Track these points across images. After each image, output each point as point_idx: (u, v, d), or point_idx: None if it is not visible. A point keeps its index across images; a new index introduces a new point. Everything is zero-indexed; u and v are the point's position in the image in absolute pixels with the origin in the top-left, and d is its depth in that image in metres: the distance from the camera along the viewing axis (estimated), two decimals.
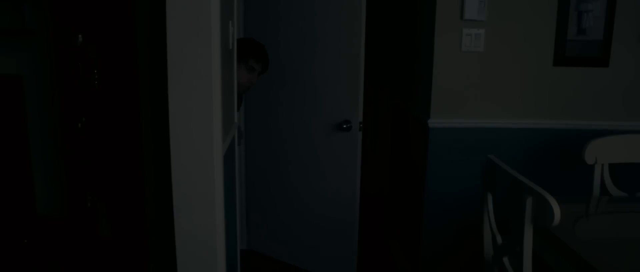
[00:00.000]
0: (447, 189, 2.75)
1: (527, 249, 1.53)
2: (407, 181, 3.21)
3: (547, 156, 2.73)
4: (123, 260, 2.67)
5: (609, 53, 2.65)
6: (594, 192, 2.23)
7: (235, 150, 2.11)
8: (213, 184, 1.55)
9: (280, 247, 3.28)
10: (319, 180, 3.05)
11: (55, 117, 2.96)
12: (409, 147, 3.18)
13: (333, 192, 3.00)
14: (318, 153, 3.02)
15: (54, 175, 3.02)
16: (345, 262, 3.01)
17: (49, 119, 2.97)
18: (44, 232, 2.90)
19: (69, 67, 2.81)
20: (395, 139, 3.59)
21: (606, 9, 2.59)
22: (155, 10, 1.90)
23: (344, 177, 2.93)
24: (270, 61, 2.64)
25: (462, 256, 2.82)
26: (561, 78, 2.68)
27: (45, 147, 2.99)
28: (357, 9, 2.70)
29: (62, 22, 2.81)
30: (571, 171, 2.49)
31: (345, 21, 2.76)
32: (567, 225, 1.77)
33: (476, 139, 2.70)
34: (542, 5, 2.61)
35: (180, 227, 1.58)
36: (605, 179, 2.25)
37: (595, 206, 2.22)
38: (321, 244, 3.11)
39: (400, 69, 3.46)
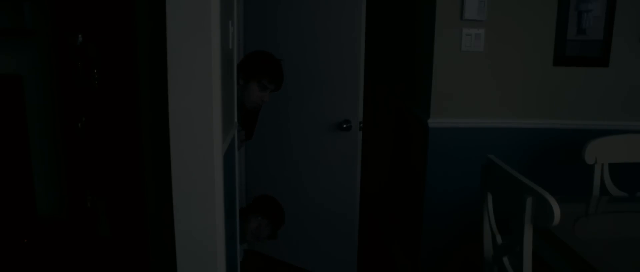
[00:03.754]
0: (447, 189, 2.75)
1: (527, 249, 1.53)
2: (407, 180, 3.21)
3: (547, 156, 2.73)
4: (123, 260, 2.67)
5: (609, 53, 2.65)
6: (594, 192, 2.23)
7: (235, 150, 2.11)
8: (213, 184, 1.55)
9: (281, 247, 3.28)
10: (319, 180, 3.05)
11: (55, 117, 2.96)
12: (409, 147, 3.18)
13: (333, 192, 3.00)
14: (318, 153, 3.02)
15: (54, 175, 3.02)
16: (346, 261, 3.01)
17: (49, 119, 2.96)
18: (44, 232, 2.90)
19: (68, 67, 2.81)
20: (395, 139, 3.58)
21: (606, 9, 2.59)
22: (155, 10, 1.89)
23: (344, 177, 2.93)
24: None
25: (462, 256, 2.82)
26: (561, 78, 2.68)
27: (45, 147, 2.99)
28: (357, 9, 2.69)
29: (62, 22, 2.81)
30: (571, 171, 2.49)
31: (345, 21, 2.76)
32: (567, 225, 1.77)
33: (476, 139, 2.70)
34: (542, 5, 2.60)
35: (180, 227, 1.58)
36: (605, 179, 2.25)
37: (595, 206, 2.22)
38: (321, 244, 3.11)
39: (400, 69, 3.46)
